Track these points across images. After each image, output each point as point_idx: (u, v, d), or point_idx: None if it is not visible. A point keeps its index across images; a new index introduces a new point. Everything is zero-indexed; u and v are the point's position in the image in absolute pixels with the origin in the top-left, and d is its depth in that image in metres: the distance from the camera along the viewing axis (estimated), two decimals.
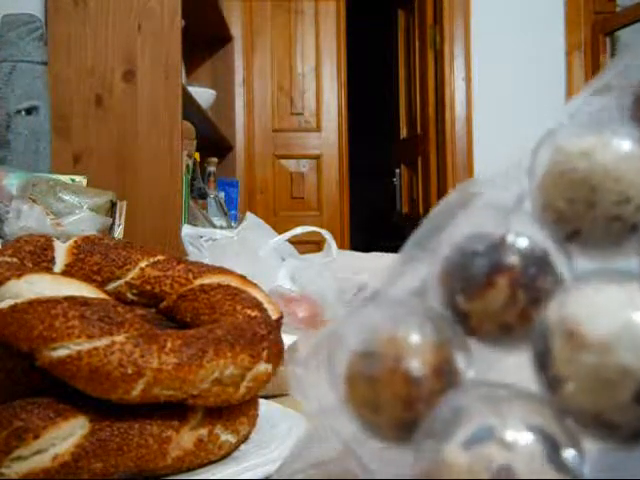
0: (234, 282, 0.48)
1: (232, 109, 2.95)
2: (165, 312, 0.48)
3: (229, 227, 2.12)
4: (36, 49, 1.58)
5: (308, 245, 1.14)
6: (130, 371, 0.36)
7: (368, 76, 5.26)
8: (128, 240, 0.53)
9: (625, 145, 0.23)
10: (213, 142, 2.58)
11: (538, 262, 0.22)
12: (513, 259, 0.22)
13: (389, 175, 4.03)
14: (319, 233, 0.93)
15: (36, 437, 0.35)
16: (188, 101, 1.80)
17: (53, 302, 0.37)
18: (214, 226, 1.99)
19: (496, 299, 0.22)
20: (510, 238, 0.23)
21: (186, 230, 0.84)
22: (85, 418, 0.37)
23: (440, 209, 0.26)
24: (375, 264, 1.31)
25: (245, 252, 0.81)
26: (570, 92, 2.98)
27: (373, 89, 5.29)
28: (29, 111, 1.55)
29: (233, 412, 0.42)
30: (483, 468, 0.19)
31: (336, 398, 0.24)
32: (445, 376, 0.22)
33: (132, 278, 0.48)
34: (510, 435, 0.20)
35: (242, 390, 0.40)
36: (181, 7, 1.69)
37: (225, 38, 2.83)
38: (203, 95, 2.28)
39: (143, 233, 1.61)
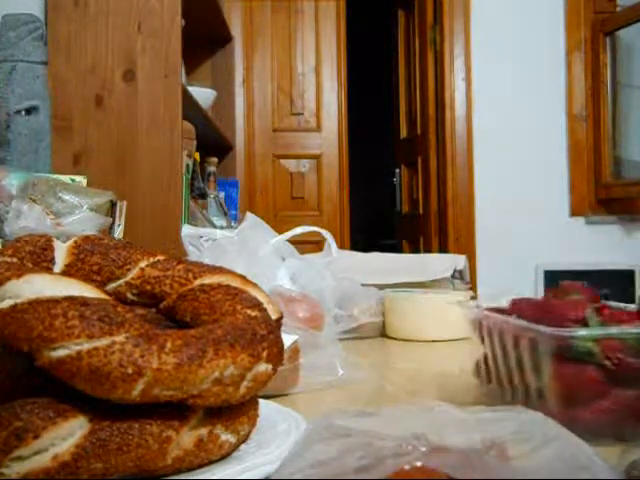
0: (234, 282, 0.48)
1: (232, 109, 2.95)
2: (165, 312, 0.48)
3: (229, 227, 2.12)
4: (36, 49, 1.59)
5: (308, 245, 1.14)
6: (130, 371, 0.36)
7: (368, 76, 5.26)
8: (128, 240, 0.53)
9: None
10: (213, 142, 2.58)
11: None
12: None
13: (389, 175, 4.03)
14: (319, 233, 0.93)
15: (36, 437, 0.35)
16: (188, 101, 1.80)
17: (53, 302, 0.37)
18: (214, 226, 1.99)
19: None
20: None
21: (186, 230, 0.84)
22: (85, 418, 0.37)
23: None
24: (375, 264, 1.32)
25: (245, 252, 0.81)
26: (570, 92, 2.98)
27: (373, 89, 5.29)
28: (29, 111, 1.55)
29: (233, 412, 0.42)
30: None
31: None
32: None
33: (132, 278, 0.48)
34: None
35: (242, 390, 0.40)
36: (181, 7, 1.69)
37: (225, 38, 2.83)
38: (203, 95, 2.28)
39: (143, 233, 1.61)
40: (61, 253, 0.49)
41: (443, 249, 2.98)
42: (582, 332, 0.49)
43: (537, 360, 0.51)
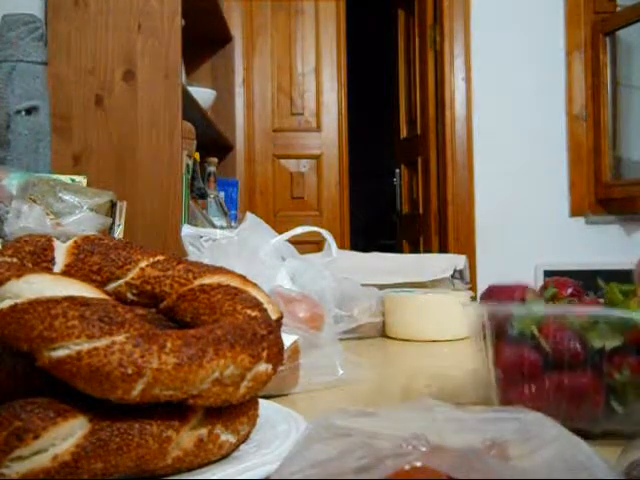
0: (234, 282, 0.48)
1: (232, 109, 2.95)
2: (165, 312, 0.48)
3: (229, 227, 2.12)
4: (36, 49, 1.59)
5: (308, 245, 1.14)
6: (130, 371, 0.36)
7: (368, 76, 5.26)
8: (128, 240, 0.53)
9: None
10: (213, 142, 2.58)
11: None
12: None
13: (389, 175, 4.03)
14: (319, 233, 0.93)
15: (36, 437, 0.35)
16: (188, 101, 1.80)
17: (53, 302, 0.37)
18: (214, 226, 1.99)
19: None
20: None
21: (186, 230, 0.84)
22: (85, 418, 0.37)
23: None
24: (375, 264, 1.32)
25: (245, 252, 0.81)
26: (570, 92, 2.98)
27: (373, 89, 5.29)
28: (29, 111, 1.55)
29: (233, 412, 0.42)
30: None
31: None
32: None
33: (132, 278, 0.48)
34: None
35: (242, 390, 0.40)
36: (181, 7, 1.69)
37: (225, 38, 2.83)
38: (203, 95, 2.28)
39: (143, 233, 1.61)
40: (61, 253, 0.49)
41: (443, 249, 2.98)
42: (517, 310, 0.48)
43: (485, 342, 0.51)
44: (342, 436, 0.30)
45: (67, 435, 0.36)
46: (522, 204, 2.95)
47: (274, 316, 0.46)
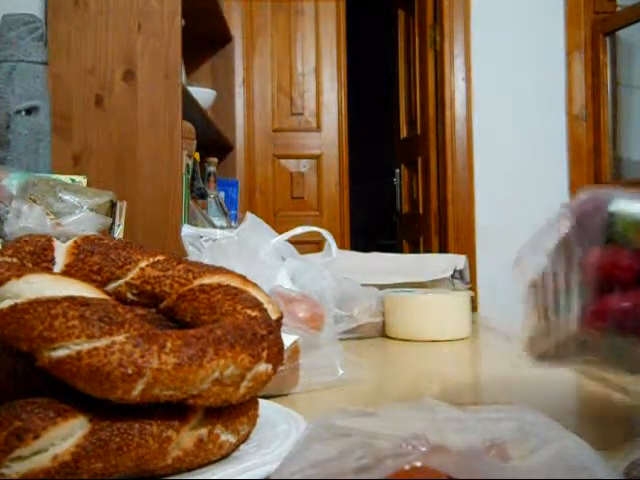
0: (234, 282, 0.48)
1: (232, 109, 2.95)
2: (165, 312, 0.48)
3: (229, 227, 2.12)
4: (36, 49, 1.59)
5: (308, 245, 1.14)
6: (130, 371, 0.36)
7: (368, 76, 5.26)
8: (128, 240, 0.53)
9: None
10: (213, 142, 2.58)
11: None
12: None
13: (389, 175, 4.03)
14: (319, 233, 0.93)
15: (36, 437, 0.35)
16: (188, 101, 1.80)
17: (53, 302, 0.37)
18: (214, 226, 1.99)
19: None
20: None
21: (186, 230, 0.84)
22: (85, 418, 0.37)
23: None
24: (375, 264, 1.32)
25: (245, 252, 0.81)
26: (570, 92, 2.98)
27: (373, 89, 5.29)
28: (29, 111, 1.55)
29: (233, 412, 0.42)
30: None
31: None
32: None
33: (132, 278, 0.48)
34: None
35: (242, 390, 0.40)
36: (181, 7, 1.69)
37: (225, 38, 2.83)
38: (203, 95, 2.28)
39: (143, 233, 1.61)
40: (61, 253, 0.49)
41: (443, 249, 2.98)
42: (617, 207, 0.41)
43: (568, 243, 0.43)
44: (342, 436, 0.30)
45: (67, 435, 0.36)
46: (522, 204, 2.95)
47: (274, 316, 0.46)
